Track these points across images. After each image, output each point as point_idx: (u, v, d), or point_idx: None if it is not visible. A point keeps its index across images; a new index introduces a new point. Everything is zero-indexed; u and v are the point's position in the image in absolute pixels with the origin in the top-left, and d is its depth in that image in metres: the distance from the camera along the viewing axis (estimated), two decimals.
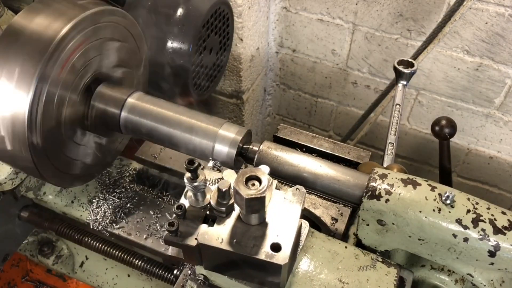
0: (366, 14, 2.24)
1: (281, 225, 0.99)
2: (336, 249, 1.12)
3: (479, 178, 2.64)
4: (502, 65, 2.10)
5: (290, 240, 0.96)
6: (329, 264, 1.09)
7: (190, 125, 1.24)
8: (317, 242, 1.13)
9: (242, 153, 1.23)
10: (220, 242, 0.96)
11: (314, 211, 1.41)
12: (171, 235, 0.99)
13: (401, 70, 1.56)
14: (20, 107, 1.08)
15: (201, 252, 1.01)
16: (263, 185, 0.91)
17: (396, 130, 1.47)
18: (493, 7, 1.93)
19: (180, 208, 1.00)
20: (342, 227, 1.37)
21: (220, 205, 0.99)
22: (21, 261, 2.02)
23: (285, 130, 1.60)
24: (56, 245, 1.89)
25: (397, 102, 1.53)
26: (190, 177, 0.98)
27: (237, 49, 2.27)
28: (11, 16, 1.66)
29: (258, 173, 0.92)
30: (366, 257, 1.12)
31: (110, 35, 1.29)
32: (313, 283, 1.06)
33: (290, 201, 1.03)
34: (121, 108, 1.28)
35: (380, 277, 1.07)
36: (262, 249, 0.95)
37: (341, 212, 1.41)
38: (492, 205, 1.06)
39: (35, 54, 1.08)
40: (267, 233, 0.98)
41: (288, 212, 1.01)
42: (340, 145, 1.54)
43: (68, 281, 1.99)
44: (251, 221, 0.99)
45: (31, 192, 1.59)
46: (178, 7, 1.58)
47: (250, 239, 0.97)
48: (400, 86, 1.57)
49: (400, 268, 1.11)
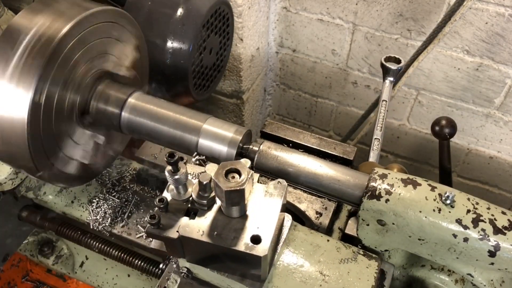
0: (366, 14, 2.24)
1: (262, 218, 1.00)
2: (318, 242, 1.13)
3: (479, 178, 2.64)
4: (502, 65, 2.10)
5: (270, 232, 0.98)
6: (311, 257, 1.10)
7: (190, 125, 1.25)
8: (300, 235, 1.14)
9: (242, 153, 1.23)
10: (201, 235, 0.98)
11: (299, 205, 1.42)
12: (152, 227, 1.00)
13: (388, 66, 1.57)
14: (20, 107, 1.08)
15: (183, 244, 1.02)
16: (243, 178, 0.92)
17: (382, 126, 1.48)
18: (493, 7, 1.93)
19: (162, 201, 1.01)
20: (326, 221, 1.38)
21: (201, 198, 1.01)
22: (21, 261, 2.02)
23: (272, 125, 1.61)
24: (56, 245, 1.89)
25: (384, 98, 1.54)
26: (171, 170, 0.99)
27: (237, 49, 2.27)
28: (11, 16, 1.66)
29: (238, 166, 0.94)
30: (347, 250, 1.13)
31: (110, 35, 1.29)
32: (294, 275, 1.07)
33: (271, 195, 1.04)
34: (122, 108, 1.28)
35: (361, 270, 1.09)
36: (242, 241, 0.97)
37: (326, 207, 1.42)
38: (492, 205, 1.06)
39: (35, 54, 1.08)
40: (248, 226, 0.99)
41: (269, 205, 1.02)
42: (327, 140, 1.55)
43: (68, 281, 1.99)
44: (232, 213, 1.00)
45: (31, 192, 1.59)
46: (178, 7, 1.58)
47: (231, 231, 0.98)
48: (387, 83, 1.58)
49: (381, 261, 1.12)
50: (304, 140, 1.55)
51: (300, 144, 1.53)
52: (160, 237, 1.01)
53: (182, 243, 1.01)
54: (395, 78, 1.57)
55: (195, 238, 0.97)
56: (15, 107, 1.08)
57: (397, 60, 1.56)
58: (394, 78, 1.57)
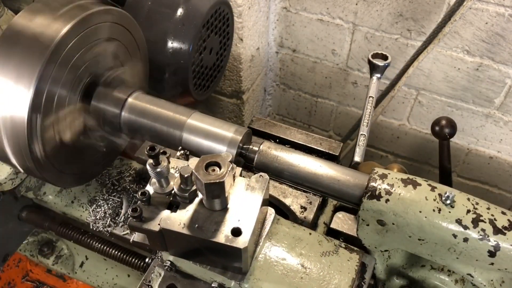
0: (366, 14, 2.24)
1: (243, 210, 1.01)
2: (300, 236, 1.14)
3: (479, 178, 2.64)
4: (502, 65, 2.10)
5: (251, 225, 0.99)
6: (293, 250, 1.11)
7: (190, 125, 1.25)
8: (282, 229, 1.15)
9: (242, 153, 1.23)
10: (182, 227, 0.99)
11: (283, 200, 1.43)
12: (135, 220, 1.01)
13: (375, 63, 1.58)
14: (20, 107, 1.08)
15: (164, 237, 1.02)
16: (222, 170, 0.93)
17: (368, 122, 1.49)
18: (493, 7, 1.93)
19: (144, 194, 1.02)
20: (311, 216, 1.40)
21: (183, 191, 1.02)
22: (21, 261, 2.02)
23: (259, 122, 1.63)
24: (56, 245, 1.89)
25: (370, 94, 1.54)
26: (153, 163, 1.00)
27: (237, 49, 2.27)
28: (11, 16, 1.66)
29: (218, 159, 0.95)
30: (329, 243, 1.14)
31: (110, 35, 1.29)
32: (276, 268, 1.08)
33: (253, 188, 1.05)
34: (122, 108, 1.28)
35: (342, 263, 1.10)
36: (222, 234, 0.97)
37: (310, 201, 1.43)
38: (492, 205, 1.06)
39: (35, 54, 1.08)
40: (229, 218, 1.00)
41: (251, 199, 1.03)
42: (313, 136, 1.56)
43: (68, 281, 1.99)
44: (213, 206, 1.01)
45: (31, 192, 1.59)
46: (178, 7, 1.58)
47: (212, 224, 0.99)
48: (374, 79, 1.59)
49: (362, 254, 1.13)
50: (291, 136, 1.57)
51: (286, 139, 1.55)
52: (142, 229, 1.02)
53: (164, 236, 1.02)
54: (382, 74, 1.59)
55: (176, 231, 0.98)
56: (15, 107, 1.08)
57: (384, 57, 1.58)
58: (381, 75, 1.59)
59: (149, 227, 1.00)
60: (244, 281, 1.06)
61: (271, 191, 1.44)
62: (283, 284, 1.06)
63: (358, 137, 1.45)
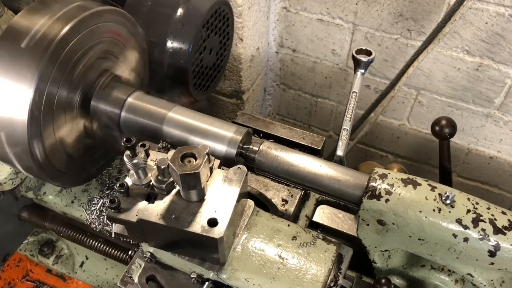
0: (366, 14, 2.24)
1: (220, 202, 1.02)
2: (279, 227, 1.15)
3: (479, 178, 2.64)
4: (502, 65, 2.10)
5: (227, 215, 1.00)
6: (271, 241, 1.12)
7: (190, 125, 1.25)
8: (261, 221, 1.16)
9: (242, 153, 1.23)
10: (159, 218, 1.00)
11: (265, 193, 1.44)
12: (113, 211, 1.02)
13: (358, 58, 1.59)
14: (20, 107, 1.08)
15: (143, 228, 1.03)
16: (198, 162, 0.94)
17: (351, 117, 1.50)
18: (493, 7, 1.93)
19: (122, 186, 1.03)
20: (292, 209, 1.41)
21: (160, 183, 1.03)
22: (21, 261, 2.02)
23: (243, 117, 1.65)
24: (56, 245, 1.89)
25: (354, 90, 1.56)
26: (129, 155, 1.01)
27: (237, 49, 2.27)
28: (11, 16, 1.66)
29: (194, 151, 0.96)
30: (307, 234, 1.15)
31: (110, 35, 1.29)
32: (253, 258, 1.09)
33: (230, 180, 1.07)
34: (121, 108, 1.28)
35: (319, 253, 1.11)
36: (199, 224, 0.99)
37: (292, 194, 1.45)
38: (492, 205, 1.06)
39: (36, 54, 1.08)
40: (206, 209, 1.01)
41: (228, 190, 1.05)
42: (296, 131, 1.58)
43: (68, 281, 1.99)
44: (190, 197, 1.02)
45: (31, 192, 1.59)
46: (178, 7, 1.58)
47: (189, 214, 1.00)
48: (358, 74, 1.60)
49: (339, 245, 1.14)
50: (274, 130, 1.58)
51: (269, 134, 1.57)
52: (120, 220, 1.03)
53: (142, 227, 1.03)
54: (366, 70, 1.61)
55: (153, 221, 0.99)
56: (16, 107, 1.08)
57: (368, 52, 1.60)
58: (365, 70, 1.61)
59: (127, 218, 1.01)
60: (221, 272, 1.08)
61: (253, 185, 1.46)
62: (260, 274, 1.07)
63: (341, 131, 1.47)
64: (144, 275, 1.18)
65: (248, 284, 1.06)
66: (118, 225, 1.10)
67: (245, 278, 1.07)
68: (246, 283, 1.06)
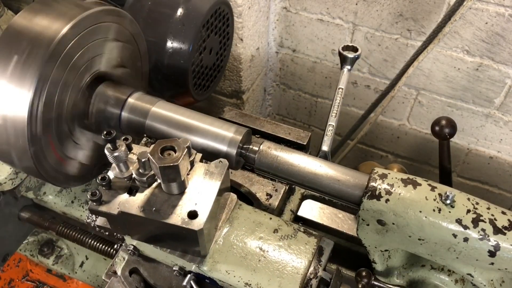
0: (366, 14, 2.24)
1: (201, 195, 1.03)
2: (261, 220, 1.16)
3: (479, 178, 2.64)
4: (502, 65, 2.10)
5: (207, 208, 1.01)
6: (252, 234, 1.13)
7: (190, 126, 1.25)
8: (243, 214, 1.17)
9: (242, 153, 1.23)
10: (140, 210, 1.00)
11: (250, 187, 1.45)
12: (95, 204, 1.03)
13: (345, 55, 1.61)
14: (20, 107, 1.08)
15: (124, 221, 1.04)
16: (177, 154, 0.95)
17: (337, 112, 1.52)
18: (493, 7, 1.94)
19: (104, 179, 1.04)
20: (276, 203, 1.42)
21: (141, 176, 1.03)
22: (21, 261, 2.02)
23: (230, 112, 1.65)
24: (56, 245, 1.89)
25: (340, 86, 1.58)
26: (110, 148, 1.02)
27: (237, 49, 2.27)
28: (11, 16, 1.66)
29: (174, 143, 0.97)
30: (289, 227, 1.15)
31: (110, 35, 1.29)
32: (235, 251, 1.10)
33: (212, 173, 1.07)
34: (122, 108, 1.28)
35: (300, 246, 1.11)
36: (179, 216, 0.99)
37: (276, 189, 1.46)
38: (492, 205, 1.06)
39: (35, 55, 1.08)
40: (186, 202, 1.02)
41: (209, 183, 1.05)
42: (282, 126, 1.59)
43: (68, 281, 1.99)
44: (171, 190, 1.03)
45: (31, 192, 1.59)
46: (178, 7, 1.58)
47: (169, 207, 1.01)
48: (344, 71, 1.62)
49: (320, 238, 1.15)
50: (260, 126, 1.59)
51: (256, 129, 1.57)
52: (102, 213, 1.03)
53: (124, 219, 1.04)
54: (352, 66, 1.63)
55: (134, 213, 1.00)
56: (15, 107, 1.08)
57: (355, 49, 1.62)
58: (351, 66, 1.63)
59: (109, 210, 1.02)
60: (202, 264, 1.09)
61: (237, 179, 1.47)
62: (241, 266, 1.08)
63: (326, 127, 1.48)
64: (127, 268, 1.19)
65: (229, 276, 1.07)
66: (100, 218, 1.11)
67: (226, 270, 1.08)
68: (227, 275, 1.08)
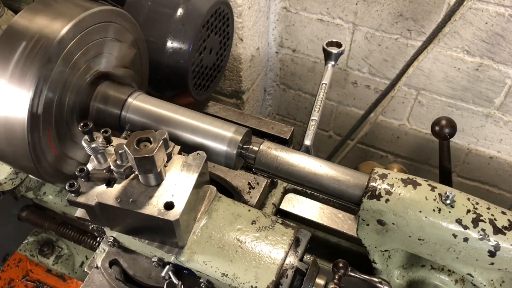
0: (366, 14, 2.24)
1: (178, 186, 1.04)
2: (239, 212, 1.17)
3: (479, 178, 2.64)
4: (502, 65, 2.10)
5: (184, 199, 1.02)
6: (230, 225, 1.14)
7: (190, 126, 1.25)
8: (222, 206, 1.18)
9: (242, 153, 1.23)
10: (118, 201, 1.02)
11: (231, 180, 1.46)
12: (73, 195, 1.03)
13: (329, 50, 1.63)
14: (20, 107, 1.08)
15: (103, 212, 1.05)
16: (153, 146, 0.96)
17: (320, 107, 1.54)
18: (493, 7, 1.94)
19: (82, 170, 1.05)
20: (257, 195, 1.44)
21: (119, 167, 1.04)
22: (21, 261, 2.03)
23: (214, 107, 1.67)
24: (56, 245, 1.89)
25: (324, 81, 1.61)
26: (88, 139, 1.03)
27: (237, 49, 2.27)
28: (11, 16, 1.66)
29: (149, 135, 0.98)
30: (266, 219, 1.16)
31: (110, 35, 1.29)
32: (212, 242, 1.11)
33: (189, 165, 1.09)
34: (121, 108, 1.28)
35: (277, 237, 1.13)
36: (156, 207, 1.01)
37: (258, 182, 1.47)
38: (492, 205, 1.06)
39: (35, 55, 1.08)
40: (163, 193, 1.03)
41: (186, 175, 1.07)
42: (265, 121, 1.61)
43: (68, 281, 1.99)
44: (148, 181, 1.04)
45: (31, 192, 1.59)
46: (178, 7, 1.58)
47: (146, 198, 1.02)
48: (329, 66, 1.65)
49: (297, 229, 1.16)
50: (243, 120, 1.61)
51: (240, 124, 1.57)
52: (80, 204, 1.04)
53: (102, 210, 1.04)
54: (336, 62, 1.65)
55: (111, 205, 1.01)
56: (15, 107, 1.08)
57: (339, 45, 1.64)
58: (335, 62, 1.66)
59: (87, 201, 1.03)
60: (180, 255, 1.10)
61: (219, 172, 1.47)
62: (219, 257, 1.09)
63: (309, 121, 1.50)
64: (107, 259, 1.20)
65: (206, 266, 1.08)
66: (80, 210, 1.12)
67: (203, 261, 1.09)
68: (204, 266, 1.09)
